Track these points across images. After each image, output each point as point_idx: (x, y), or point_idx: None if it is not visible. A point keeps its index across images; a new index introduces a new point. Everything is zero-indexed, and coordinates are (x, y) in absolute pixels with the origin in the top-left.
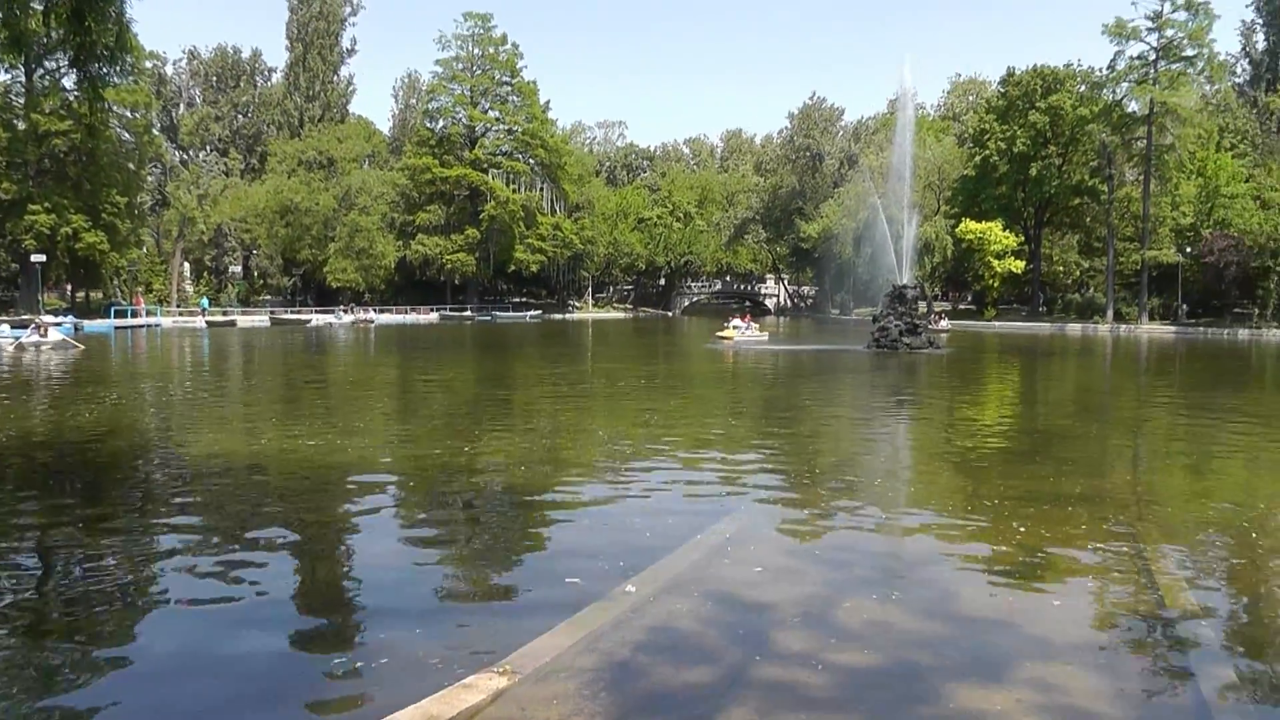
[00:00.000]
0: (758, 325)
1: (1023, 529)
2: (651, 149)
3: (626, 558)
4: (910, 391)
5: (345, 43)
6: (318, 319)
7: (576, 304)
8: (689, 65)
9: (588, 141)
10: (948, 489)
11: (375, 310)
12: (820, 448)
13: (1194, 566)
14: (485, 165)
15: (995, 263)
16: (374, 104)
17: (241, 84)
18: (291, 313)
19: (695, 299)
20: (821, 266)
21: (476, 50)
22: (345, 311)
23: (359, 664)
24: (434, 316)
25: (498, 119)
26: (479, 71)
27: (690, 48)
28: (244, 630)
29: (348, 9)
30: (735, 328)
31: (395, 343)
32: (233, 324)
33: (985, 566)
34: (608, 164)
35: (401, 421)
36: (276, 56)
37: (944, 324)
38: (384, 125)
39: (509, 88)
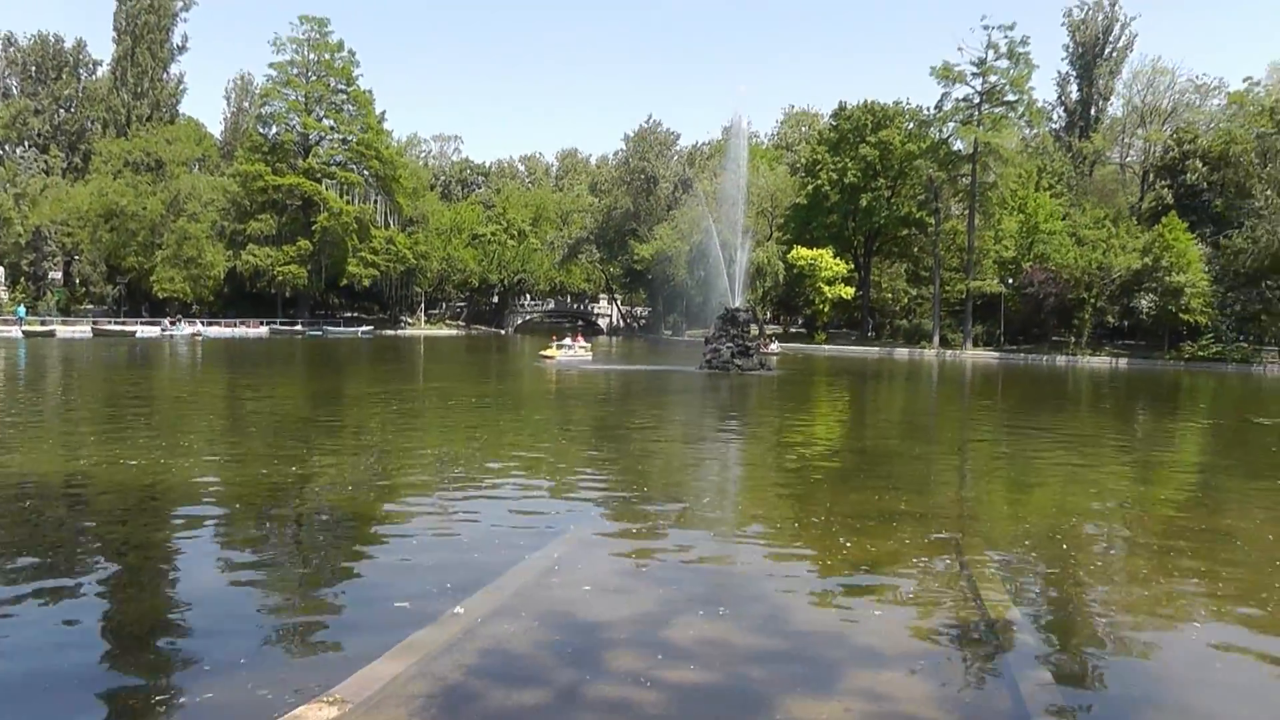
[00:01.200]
0: (588, 346)
1: (850, 544)
2: (487, 165)
3: (457, 580)
4: (741, 412)
5: (176, 39)
6: (143, 330)
7: (409, 320)
8: (526, 83)
9: (423, 155)
10: (777, 507)
11: (203, 323)
12: (651, 467)
13: (1012, 576)
14: (319, 175)
15: (826, 288)
16: (205, 105)
17: (64, 76)
18: (115, 323)
19: (528, 317)
20: (655, 288)
21: (312, 55)
22: (173, 323)
23: (182, 700)
24: (264, 330)
25: (332, 128)
26: (314, 77)
27: (528, 65)
28: (58, 667)
29: (179, 3)
30: (561, 347)
31: (224, 357)
32: (51, 334)
33: (814, 581)
34: (442, 178)
35: (228, 441)
36: (102, 49)
37: (774, 346)
38: (215, 128)
39: (344, 96)
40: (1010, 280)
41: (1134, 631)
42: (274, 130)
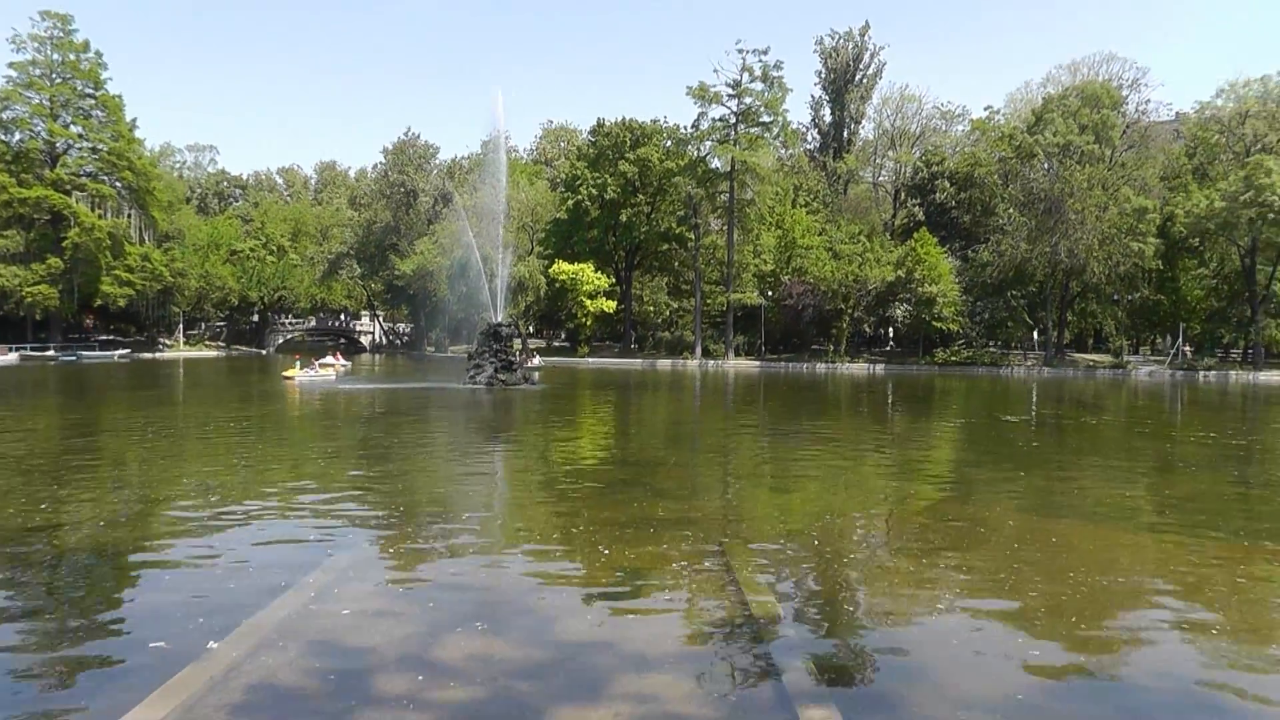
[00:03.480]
0: (348, 365)
1: (617, 553)
2: (244, 177)
3: (217, 615)
4: (505, 428)
5: None
6: None
7: (167, 342)
8: (282, 91)
9: (177, 166)
10: (542, 521)
11: None
12: (414, 487)
13: (776, 575)
14: (68, 187)
15: (588, 302)
16: None
17: None
18: None
19: (290, 336)
20: (417, 303)
21: (56, 55)
22: None
23: None
24: (13, 357)
25: (81, 135)
26: (59, 80)
27: (283, 73)
28: None
29: None
30: (305, 367)
31: None
32: None
33: (580, 591)
34: (199, 191)
35: None
36: None
37: (536, 361)
38: None
39: (92, 100)
40: (770, 292)
41: (891, 618)
42: (17, 137)
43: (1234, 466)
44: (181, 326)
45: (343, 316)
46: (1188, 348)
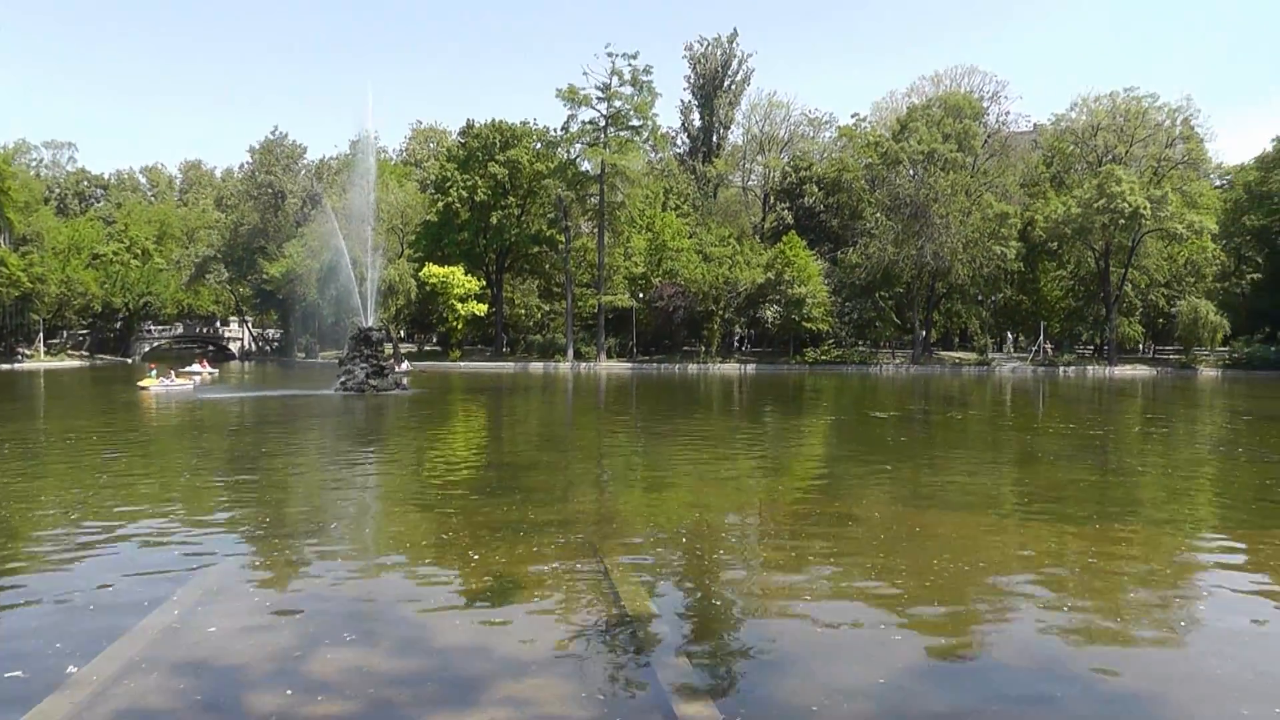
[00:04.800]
0: (215, 372)
1: (492, 558)
2: (106, 176)
3: (78, 639)
4: (377, 434)
5: None
6: None
7: (27, 352)
8: (143, 86)
9: (34, 164)
10: (416, 528)
11: None
12: (286, 498)
13: (651, 574)
14: None
15: (459, 305)
16: None
17: None
18: None
19: (156, 343)
20: (286, 308)
21: None
22: None
23: None
24: None
25: None
26: None
27: (145, 66)
28: None
29: None
30: (164, 376)
31: None
32: None
33: (455, 598)
34: (57, 191)
35: None
36: None
37: (405, 366)
38: None
39: None
40: (641, 295)
41: (764, 611)
42: None
43: (1090, 455)
44: (42, 336)
45: (214, 323)
46: (1048, 345)
